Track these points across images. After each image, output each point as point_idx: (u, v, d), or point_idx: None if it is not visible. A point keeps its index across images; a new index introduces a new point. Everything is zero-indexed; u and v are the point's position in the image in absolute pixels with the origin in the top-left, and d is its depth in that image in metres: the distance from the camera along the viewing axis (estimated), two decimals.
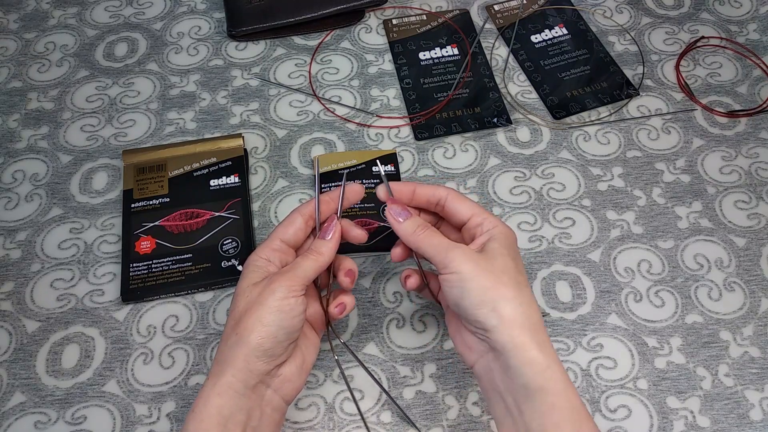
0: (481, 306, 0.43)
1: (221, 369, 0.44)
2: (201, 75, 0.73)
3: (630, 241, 0.61)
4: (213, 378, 0.44)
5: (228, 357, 0.44)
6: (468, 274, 0.44)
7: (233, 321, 0.45)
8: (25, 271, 0.60)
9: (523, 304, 0.44)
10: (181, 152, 0.65)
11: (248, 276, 0.47)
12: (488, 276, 0.44)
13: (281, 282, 0.45)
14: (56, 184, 0.66)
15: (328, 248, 0.48)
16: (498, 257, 0.45)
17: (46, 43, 0.77)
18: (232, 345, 0.44)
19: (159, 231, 0.61)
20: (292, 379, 0.46)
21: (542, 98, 0.71)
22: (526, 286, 0.45)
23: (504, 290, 0.44)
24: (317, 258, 0.47)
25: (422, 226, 0.48)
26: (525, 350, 0.42)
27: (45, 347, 0.56)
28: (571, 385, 0.42)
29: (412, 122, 0.69)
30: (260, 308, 0.44)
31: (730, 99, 0.71)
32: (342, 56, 0.75)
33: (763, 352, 0.55)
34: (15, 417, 0.53)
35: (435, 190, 0.50)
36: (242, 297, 0.46)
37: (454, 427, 0.52)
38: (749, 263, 0.60)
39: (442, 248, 0.46)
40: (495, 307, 0.43)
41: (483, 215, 0.48)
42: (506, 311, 0.43)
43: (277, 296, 0.44)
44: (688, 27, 0.77)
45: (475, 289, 0.44)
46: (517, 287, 0.44)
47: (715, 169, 0.66)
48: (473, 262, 0.45)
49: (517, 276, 0.45)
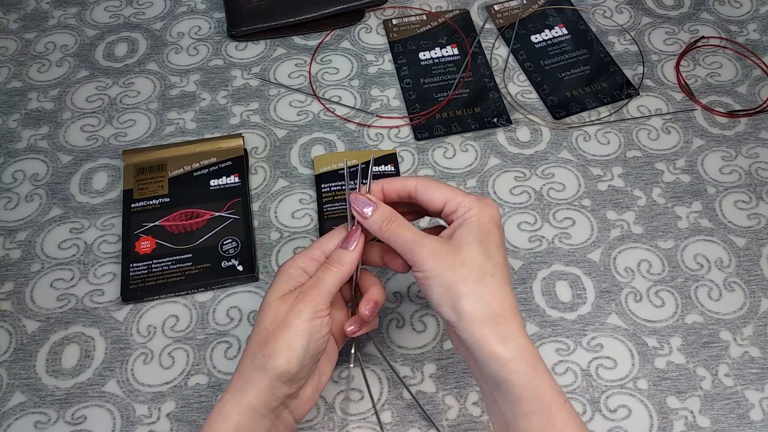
0: (442, 303, 0.43)
1: (244, 386, 0.43)
2: (201, 75, 0.73)
3: (630, 241, 0.61)
4: (235, 394, 0.43)
5: (253, 377, 0.43)
6: (430, 272, 0.43)
7: (260, 338, 0.44)
8: (25, 271, 0.60)
9: (484, 296, 0.42)
10: (181, 152, 0.65)
11: (277, 286, 0.45)
12: (449, 272, 0.43)
13: (307, 302, 0.44)
14: (56, 184, 0.66)
15: (350, 259, 0.46)
16: (463, 246, 0.43)
17: (46, 43, 0.77)
18: (258, 366, 0.43)
19: (159, 231, 0.61)
20: (308, 401, 0.46)
21: (542, 98, 0.71)
22: (492, 274, 0.43)
23: (462, 286, 0.42)
24: (339, 269, 0.46)
25: (388, 219, 0.45)
26: (486, 345, 0.41)
27: (45, 347, 0.56)
28: (540, 374, 0.42)
29: (412, 122, 0.69)
30: (288, 331, 0.43)
31: (730, 99, 0.71)
32: (342, 56, 0.75)
33: (763, 352, 0.55)
34: (15, 417, 0.53)
35: (403, 182, 0.47)
36: (269, 311, 0.44)
37: (454, 427, 0.52)
38: (749, 263, 0.60)
39: (409, 245, 0.44)
40: (454, 304, 0.42)
41: (457, 199, 0.45)
42: (465, 307, 0.42)
43: (304, 317, 0.43)
44: (688, 27, 0.77)
45: (437, 286, 0.43)
46: (478, 280, 0.42)
47: (715, 169, 0.66)
48: (436, 257, 0.43)
49: (481, 265, 0.43)
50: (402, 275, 0.59)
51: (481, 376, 0.44)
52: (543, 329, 0.57)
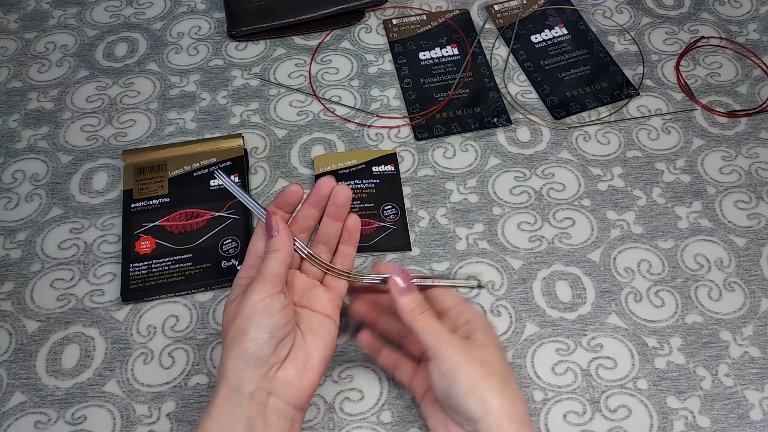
0: (470, 395, 0.43)
1: (218, 383, 0.45)
2: (201, 75, 0.73)
3: (630, 241, 0.61)
4: (213, 394, 0.45)
5: (221, 370, 0.45)
6: (458, 362, 0.44)
7: (223, 337, 0.46)
8: (25, 271, 0.60)
9: (510, 396, 0.44)
10: (181, 152, 0.65)
11: (229, 296, 0.48)
12: (478, 366, 0.44)
13: (252, 288, 0.45)
14: (56, 184, 0.66)
15: (280, 241, 0.47)
16: (487, 347, 0.46)
17: (46, 43, 0.77)
18: (223, 359, 0.45)
19: (159, 231, 0.61)
20: (294, 382, 0.45)
21: (542, 98, 0.71)
22: (513, 378, 0.46)
23: (492, 381, 0.44)
24: (276, 255, 0.47)
25: (422, 306, 0.47)
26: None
27: (45, 347, 0.56)
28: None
29: (412, 122, 0.69)
30: (239, 317, 0.45)
31: (730, 99, 0.71)
32: (342, 56, 0.75)
33: (763, 352, 0.55)
34: (15, 417, 0.53)
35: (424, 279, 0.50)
36: (225, 314, 0.47)
37: None
38: (749, 263, 0.60)
39: (436, 334, 0.45)
40: (484, 397, 0.43)
41: (464, 305, 0.49)
42: (495, 402, 0.43)
43: (252, 301, 0.45)
44: (688, 27, 0.77)
45: (464, 377, 0.44)
46: (505, 379, 0.45)
47: (715, 169, 0.66)
48: (464, 350, 0.45)
49: (504, 368, 0.46)
50: None
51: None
52: (543, 329, 0.57)
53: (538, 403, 0.53)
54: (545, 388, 0.54)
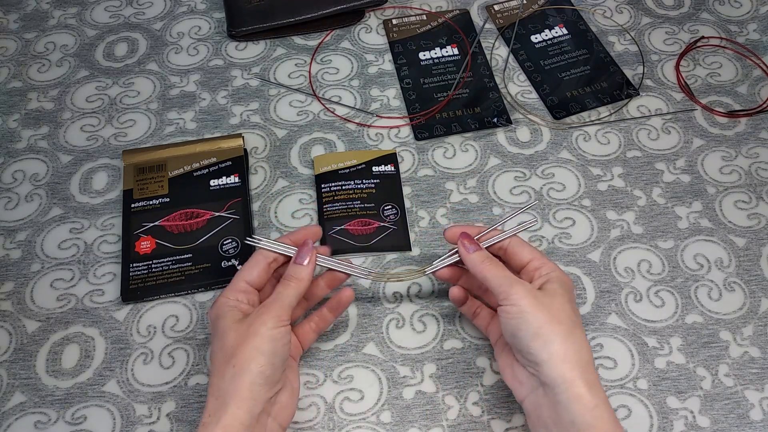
0: (536, 338, 0.45)
1: (223, 402, 0.44)
2: (201, 75, 0.73)
3: (630, 241, 0.61)
4: (215, 414, 0.44)
5: (229, 389, 0.45)
6: (527, 307, 0.46)
7: (224, 355, 0.46)
8: (25, 271, 0.60)
9: (576, 342, 0.45)
10: (181, 152, 0.65)
11: (228, 315, 0.48)
12: (545, 312, 0.46)
13: (270, 313, 0.47)
14: (56, 184, 0.66)
15: (306, 273, 0.50)
16: (557, 297, 0.47)
17: (46, 43, 0.77)
18: (232, 377, 0.45)
19: (159, 231, 0.61)
20: (287, 405, 0.48)
21: (542, 98, 0.71)
22: (581, 328, 0.47)
23: (558, 327, 0.45)
24: (297, 284, 0.49)
25: (489, 259, 0.50)
26: (574, 386, 0.43)
27: (45, 347, 0.56)
28: (620, 427, 0.43)
29: (412, 122, 0.69)
30: (255, 338, 0.46)
31: (730, 99, 0.71)
32: (342, 56, 0.75)
33: (763, 352, 0.55)
34: (15, 417, 0.53)
35: (499, 235, 0.52)
36: (230, 332, 0.46)
37: (454, 427, 0.52)
38: (749, 263, 0.60)
39: (506, 280, 0.48)
40: (548, 341, 0.45)
41: (542, 260, 0.50)
42: (558, 347, 0.45)
43: (269, 326, 0.46)
44: (688, 27, 0.77)
45: (532, 321, 0.46)
46: (571, 326, 0.46)
47: (715, 169, 0.66)
48: (533, 297, 0.47)
49: (572, 317, 0.47)
50: (400, 283, 0.59)
51: (556, 422, 0.44)
52: None
53: None
54: None
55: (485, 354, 0.56)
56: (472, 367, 0.55)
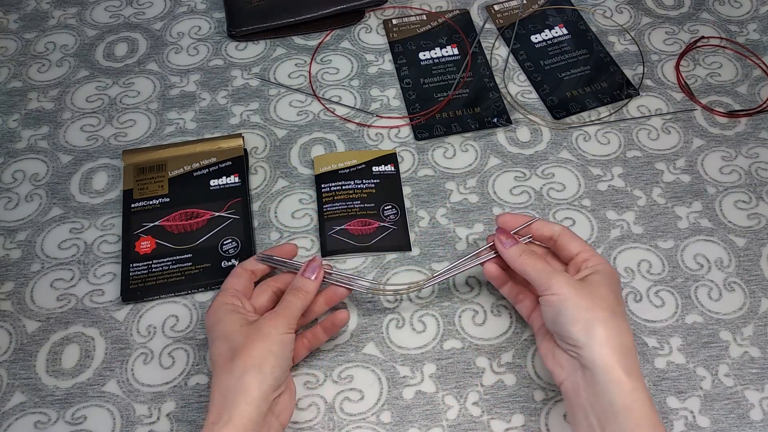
0: (576, 323, 0.46)
1: (232, 400, 0.45)
2: (201, 75, 0.73)
3: (630, 241, 0.61)
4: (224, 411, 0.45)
5: (238, 388, 0.45)
6: (568, 295, 0.47)
7: (231, 356, 0.47)
8: (25, 271, 0.60)
9: (616, 328, 0.46)
10: (181, 152, 0.65)
11: (230, 318, 0.49)
12: (587, 298, 0.47)
13: (281, 319, 0.49)
14: (56, 184, 0.66)
15: (313, 286, 0.52)
16: (599, 287, 0.48)
17: (46, 43, 0.77)
18: (241, 376, 0.46)
19: (159, 231, 0.61)
20: (288, 406, 0.50)
21: (542, 98, 0.71)
22: (623, 316, 0.48)
23: (599, 312, 0.46)
24: (305, 296, 0.51)
25: (527, 252, 0.52)
26: (612, 370, 0.44)
27: (45, 347, 0.56)
28: (656, 412, 0.44)
29: (412, 122, 0.69)
30: (267, 340, 0.47)
31: (730, 99, 0.71)
32: (342, 56, 0.75)
33: (763, 352, 0.55)
34: (15, 417, 0.53)
35: (550, 226, 0.54)
36: (237, 335, 0.48)
37: (454, 427, 0.52)
38: (749, 263, 0.60)
39: (545, 272, 0.49)
40: (588, 325, 0.46)
41: (591, 253, 0.51)
42: (599, 331, 0.45)
43: (281, 330, 0.48)
44: (688, 27, 0.77)
45: (572, 308, 0.47)
46: (612, 313, 0.47)
47: (715, 169, 0.66)
48: (573, 286, 0.48)
49: (614, 305, 0.47)
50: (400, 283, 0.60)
51: (594, 404, 0.45)
52: None
53: (539, 402, 0.53)
54: (545, 388, 0.54)
55: (485, 354, 0.56)
56: (472, 367, 0.55)
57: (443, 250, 0.61)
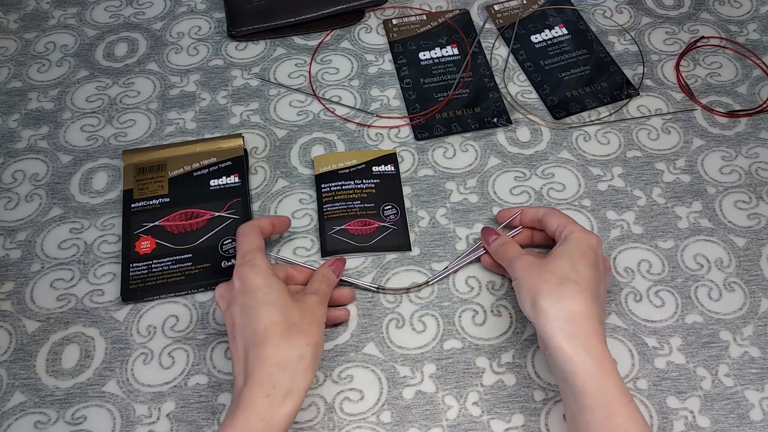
0: (525, 302, 0.49)
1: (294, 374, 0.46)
2: (201, 75, 0.73)
3: (630, 241, 0.61)
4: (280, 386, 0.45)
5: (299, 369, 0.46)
6: (520, 278, 0.51)
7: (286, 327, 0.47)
8: (25, 271, 0.60)
9: (562, 297, 0.48)
10: (181, 152, 0.65)
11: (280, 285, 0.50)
12: (535, 276, 0.50)
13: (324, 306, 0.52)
14: (56, 184, 0.66)
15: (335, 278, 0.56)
16: (554, 259, 0.50)
17: (46, 43, 0.77)
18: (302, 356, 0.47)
19: (159, 231, 0.61)
20: None
21: (542, 98, 0.71)
22: (575, 281, 0.48)
23: (543, 286, 0.48)
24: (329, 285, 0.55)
25: (505, 244, 0.56)
26: (555, 338, 0.46)
27: (45, 347, 0.56)
28: (606, 373, 0.45)
29: (412, 122, 0.69)
30: (320, 326, 0.50)
31: (730, 99, 0.71)
32: (342, 56, 0.75)
33: (763, 352, 0.55)
34: (15, 417, 0.53)
35: (536, 210, 0.57)
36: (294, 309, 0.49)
37: (454, 427, 0.52)
38: (749, 263, 0.60)
39: (512, 259, 0.53)
40: (534, 300, 0.48)
41: (567, 225, 0.54)
42: (542, 303, 0.48)
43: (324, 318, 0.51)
44: (688, 27, 0.77)
45: (523, 289, 0.50)
46: (559, 284, 0.48)
47: (715, 169, 0.66)
48: (528, 266, 0.51)
49: (566, 273, 0.49)
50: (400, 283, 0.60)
51: (555, 370, 0.48)
52: None
53: (539, 402, 0.53)
54: (545, 388, 0.54)
55: (485, 354, 0.56)
56: (472, 367, 0.55)
57: (443, 250, 0.61)
